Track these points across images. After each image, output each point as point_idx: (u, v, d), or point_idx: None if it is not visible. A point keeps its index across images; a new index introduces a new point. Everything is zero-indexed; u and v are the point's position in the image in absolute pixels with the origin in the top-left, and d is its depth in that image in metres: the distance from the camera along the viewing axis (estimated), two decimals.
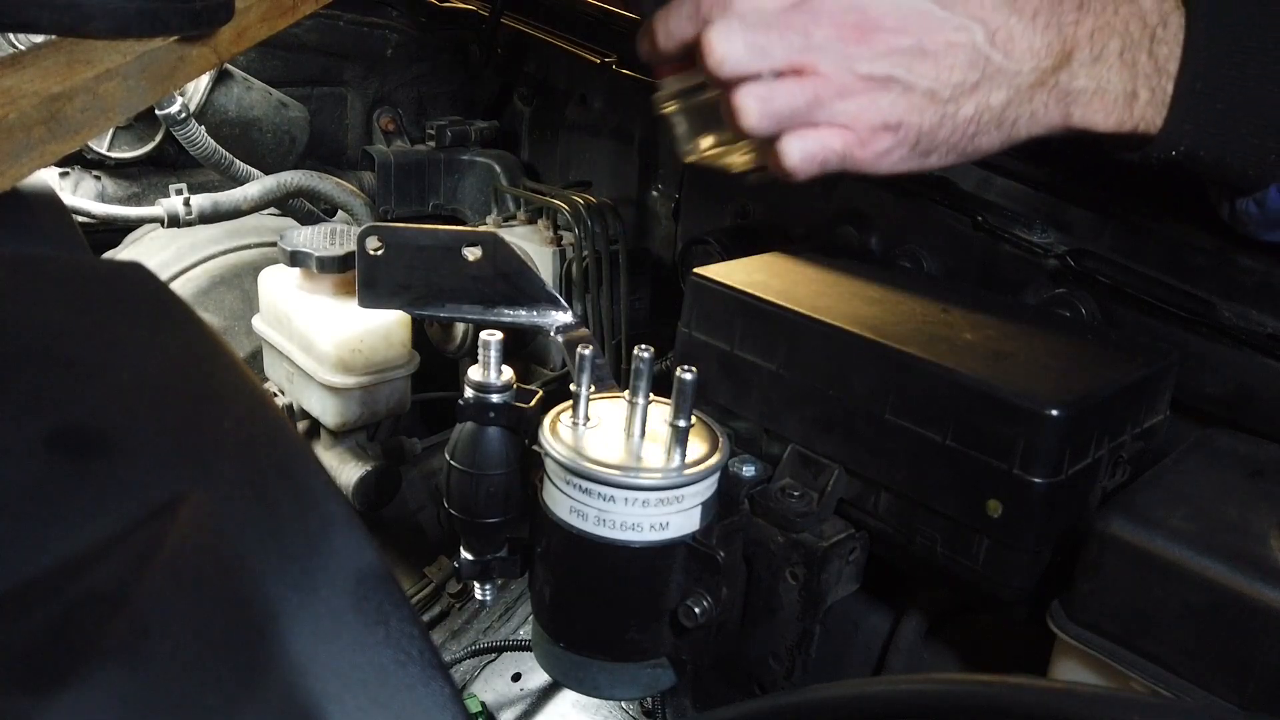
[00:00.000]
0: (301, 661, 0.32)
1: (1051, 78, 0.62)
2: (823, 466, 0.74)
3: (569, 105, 1.45)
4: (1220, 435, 0.70)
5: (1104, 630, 0.60)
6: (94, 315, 0.45)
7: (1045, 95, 0.63)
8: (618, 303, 1.29)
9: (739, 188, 1.12)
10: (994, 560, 0.66)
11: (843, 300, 0.77)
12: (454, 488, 0.75)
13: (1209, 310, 0.76)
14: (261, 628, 0.32)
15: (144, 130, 1.35)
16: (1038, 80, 0.62)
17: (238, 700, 0.30)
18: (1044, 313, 0.83)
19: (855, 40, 0.61)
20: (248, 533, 0.35)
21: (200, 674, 0.30)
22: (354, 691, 0.32)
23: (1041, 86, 0.62)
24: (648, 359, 0.69)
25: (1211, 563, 0.56)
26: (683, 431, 0.68)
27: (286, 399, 1.24)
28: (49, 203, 0.62)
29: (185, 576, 0.32)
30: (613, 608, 0.72)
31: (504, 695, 1.06)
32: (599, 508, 0.68)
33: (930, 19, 0.61)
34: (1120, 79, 0.62)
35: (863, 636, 0.84)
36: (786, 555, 0.72)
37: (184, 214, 1.27)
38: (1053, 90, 0.63)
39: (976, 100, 0.63)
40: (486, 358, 0.72)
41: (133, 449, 0.37)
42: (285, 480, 0.38)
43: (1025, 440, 0.63)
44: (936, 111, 0.63)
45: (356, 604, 0.34)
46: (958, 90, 0.62)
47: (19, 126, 0.54)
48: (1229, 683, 0.55)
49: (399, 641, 0.34)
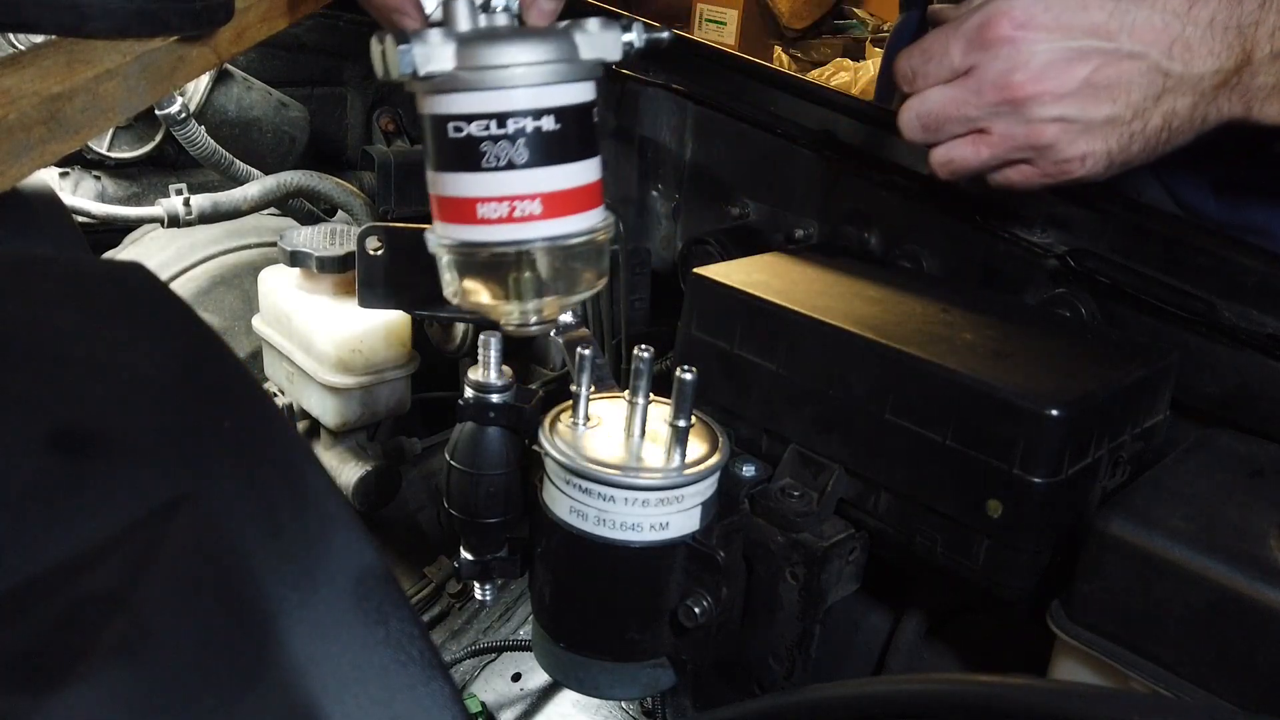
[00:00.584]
0: (301, 661, 0.32)
1: (1234, 77, 0.64)
2: (823, 466, 0.74)
3: None
4: (1220, 435, 0.70)
5: (1104, 630, 0.60)
6: (94, 315, 0.45)
7: (1229, 93, 0.65)
8: (618, 303, 1.29)
9: (739, 188, 1.13)
10: (994, 560, 0.66)
11: (843, 300, 0.77)
12: (454, 488, 0.75)
13: (1209, 310, 0.76)
14: (261, 627, 0.32)
15: (144, 130, 1.35)
16: (1221, 81, 0.65)
17: (238, 700, 0.30)
18: (1044, 313, 0.83)
19: (1021, 100, 0.66)
20: (248, 533, 0.35)
21: (200, 674, 0.30)
22: (354, 691, 0.32)
23: (1225, 87, 0.65)
24: (648, 359, 0.69)
25: (1211, 563, 0.56)
26: (683, 431, 0.68)
27: (286, 399, 1.24)
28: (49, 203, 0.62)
29: (185, 576, 0.32)
30: (613, 608, 0.72)
31: (504, 695, 1.06)
32: (599, 508, 0.68)
33: (1095, 56, 0.64)
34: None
35: (863, 636, 0.84)
36: (786, 555, 0.72)
37: (184, 214, 1.27)
38: (1235, 88, 0.65)
39: (1163, 110, 0.65)
40: (486, 358, 0.72)
41: (133, 449, 0.37)
42: (285, 480, 0.38)
43: (1025, 440, 0.63)
44: (1123, 133, 0.66)
45: (356, 604, 0.34)
46: (1140, 109, 0.65)
47: (19, 126, 0.54)
48: (1229, 683, 0.55)
49: (399, 641, 0.34)
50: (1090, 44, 0.64)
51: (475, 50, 0.69)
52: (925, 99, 0.71)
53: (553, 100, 0.70)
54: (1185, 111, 0.66)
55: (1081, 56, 0.65)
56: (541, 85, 0.70)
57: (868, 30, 4.84)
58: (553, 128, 0.70)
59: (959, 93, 0.68)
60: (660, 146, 1.26)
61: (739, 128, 1.10)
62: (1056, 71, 0.65)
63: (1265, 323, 0.74)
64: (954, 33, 0.68)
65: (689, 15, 4.88)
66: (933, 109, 0.70)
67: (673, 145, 1.23)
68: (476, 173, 0.71)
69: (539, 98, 0.70)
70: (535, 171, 0.71)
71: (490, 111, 0.70)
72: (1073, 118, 0.66)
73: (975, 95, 0.67)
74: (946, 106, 0.69)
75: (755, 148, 1.08)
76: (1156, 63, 0.64)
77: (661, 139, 1.26)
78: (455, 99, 0.71)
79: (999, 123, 0.68)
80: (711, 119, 1.15)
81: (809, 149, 1.02)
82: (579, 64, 0.71)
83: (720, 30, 4.81)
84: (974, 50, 0.67)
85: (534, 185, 0.71)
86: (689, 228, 1.23)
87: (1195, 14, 0.64)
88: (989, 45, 0.66)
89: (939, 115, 0.70)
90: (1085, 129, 0.66)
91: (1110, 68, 0.65)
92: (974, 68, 0.67)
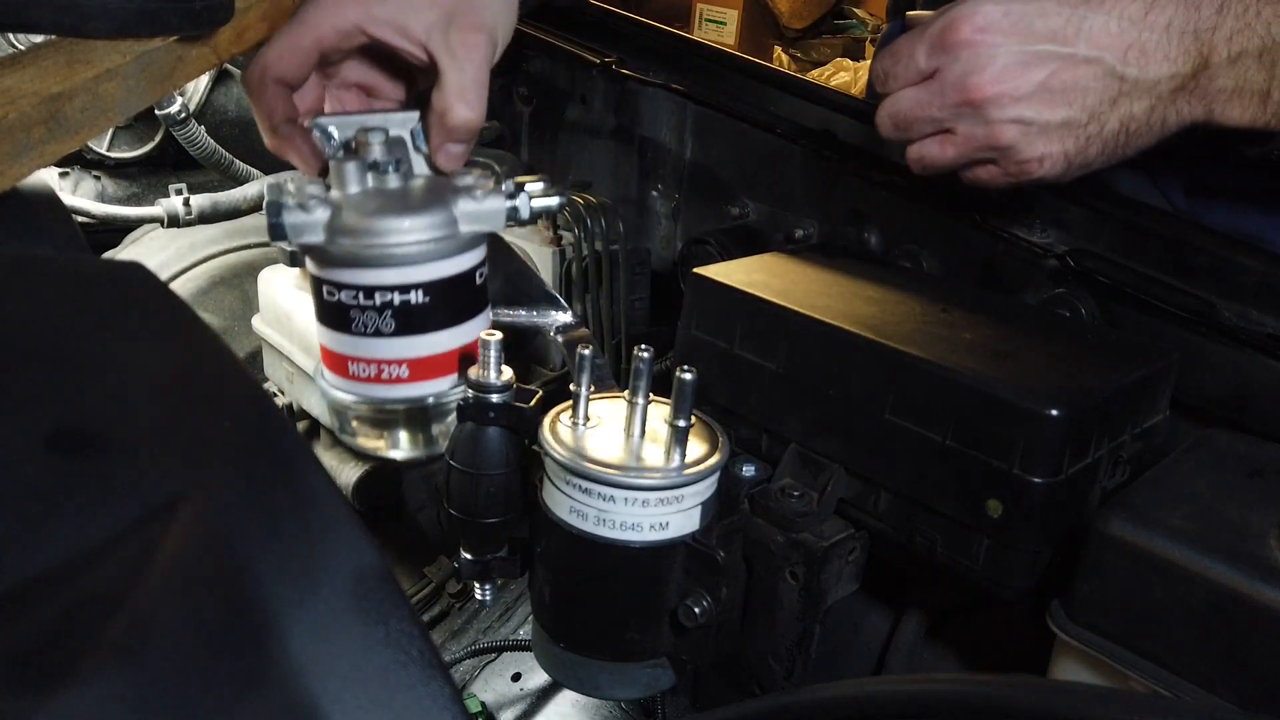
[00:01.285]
0: (301, 661, 0.32)
1: (1191, 81, 0.65)
2: (823, 466, 0.74)
3: (569, 105, 1.45)
4: (1220, 435, 0.70)
5: (1104, 630, 0.60)
6: (94, 315, 0.45)
7: (1187, 97, 0.66)
8: (617, 303, 1.29)
9: (739, 188, 1.13)
10: (994, 560, 0.66)
11: (843, 300, 0.77)
12: (454, 488, 0.75)
13: (1209, 310, 0.76)
14: (261, 627, 0.32)
15: (144, 130, 1.35)
16: (1178, 86, 0.65)
17: (238, 700, 0.30)
18: (1044, 313, 0.83)
19: (979, 102, 0.67)
20: (247, 532, 0.35)
21: (200, 674, 0.30)
22: (354, 691, 0.32)
23: (1182, 90, 0.66)
24: (648, 359, 0.69)
25: (1211, 563, 0.56)
26: (683, 431, 0.68)
27: (286, 399, 1.24)
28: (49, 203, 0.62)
29: (185, 576, 0.32)
30: (613, 607, 0.72)
31: (504, 695, 1.06)
32: (599, 508, 0.68)
33: (1051, 60, 0.66)
34: (1257, 78, 0.64)
35: (863, 636, 0.84)
36: (786, 555, 0.72)
37: (184, 214, 1.27)
38: (1194, 92, 0.66)
39: (1120, 114, 0.67)
40: (486, 358, 0.72)
41: (133, 449, 0.37)
42: (285, 480, 0.38)
43: (1025, 440, 0.63)
44: (1079, 135, 0.68)
45: (356, 604, 0.34)
46: (1096, 112, 0.67)
47: (19, 126, 0.54)
48: (1229, 683, 0.55)
49: (399, 641, 0.34)
50: (1047, 48, 0.66)
51: (349, 224, 0.70)
52: (897, 100, 0.73)
53: (423, 276, 0.72)
54: (1142, 115, 0.67)
55: (1039, 60, 0.66)
56: (412, 264, 0.71)
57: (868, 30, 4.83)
58: (421, 300, 0.72)
59: (925, 94, 0.71)
60: (660, 146, 1.26)
61: (739, 128, 1.10)
62: (1013, 74, 0.66)
63: (1265, 323, 0.74)
64: (921, 37, 0.70)
65: (689, 15, 4.88)
66: (902, 109, 0.72)
67: (673, 145, 1.23)
68: (347, 334, 0.74)
69: (408, 275, 0.72)
70: (402, 340, 0.74)
71: (358, 284, 0.72)
72: (1030, 119, 0.67)
73: (939, 97, 0.70)
74: (914, 107, 0.71)
75: (755, 148, 1.09)
76: (1112, 67, 0.65)
77: (661, 139, 1.26)
78: (327, 267, 0.72)
79: (962, 123, 0.70)
80: (711, 119, 1.15)
81: (809, 149, 1.02)
82: (454, 240, 0.73)
83: (720, 30, 4.81)
84: (937, 53, 0.69)
85: (400, 352, 0.74)
86: (689, 228, 1.23)
87: (1151, 20, 0.65)
88: (951, 49, 0.68)
89: (908, 115, 0.72)
90: (1042, 131, 0.68)
91: (1066, 72, 0.66)
92: (938, 70, 0.70)
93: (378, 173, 0.73)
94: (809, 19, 4.90)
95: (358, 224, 0.69)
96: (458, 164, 0.77)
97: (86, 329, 0.43)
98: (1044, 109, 0.67)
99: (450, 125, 0.74)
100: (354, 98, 0.82)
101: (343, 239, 0.69)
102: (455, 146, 0.76)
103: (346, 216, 0.69)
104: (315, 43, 0.73)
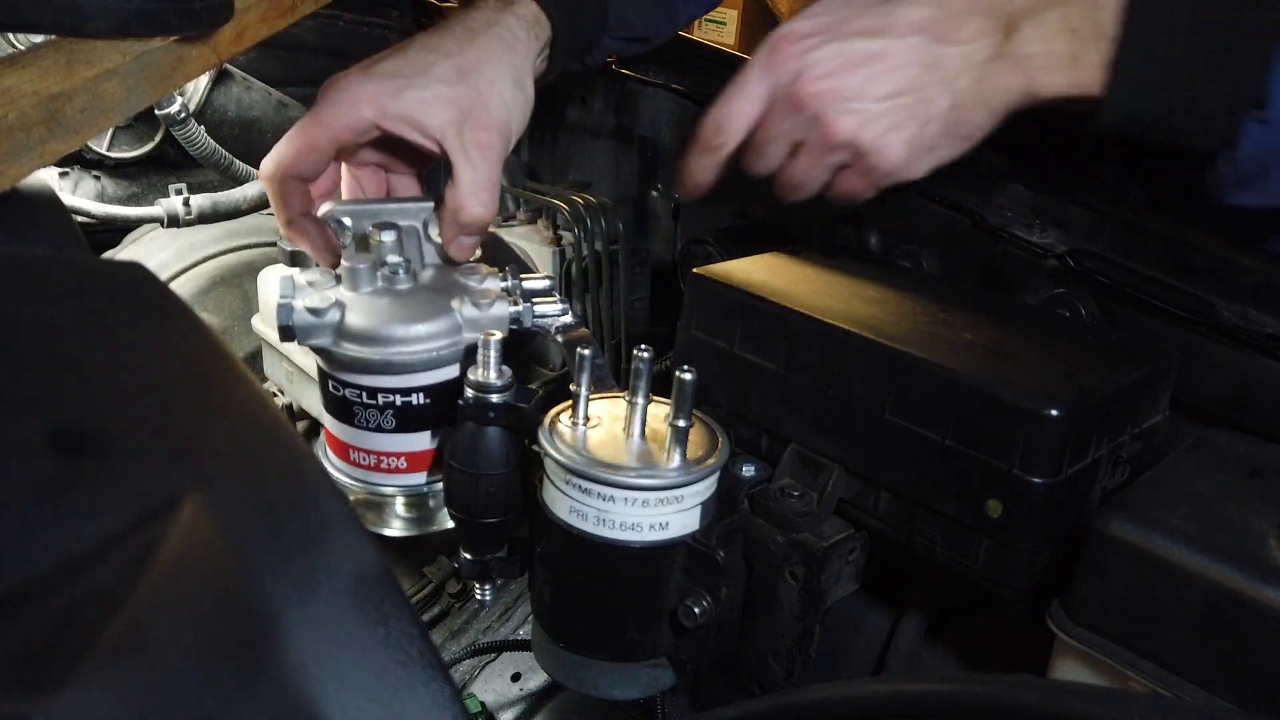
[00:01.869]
0: (301, 661, 0.32)
1: (1005, 48, 0.67)
2: (822, 466, 0.74)
3: (569, 105, 1.46)
4: (1220, 435, 0.70)
5: (1104, 630, 0.60)
6: (94, 315, 0.45)
7: (1004, 65, 0.68)
8: (617, 303, 1.29)
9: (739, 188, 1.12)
10: (994, 560, 0.66)
11: (843, 300, 0.77)
12: (454, 488, 0.75)
13: (1209, 310, 0.76)
14: (261, 628, 0.32)
15: (144, 130, 1.35)
16: (992, 54, 0.68)
17: (238, 700, 0.30)
18: (1044, 313, 0.83)
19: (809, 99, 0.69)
20: (247, 532, 0.35)
21: (200, 674, 0.30)
22: (354, 691, 0.32)
23: (998, 58, 0.68)
24: (648, 359, 0.69)
25: (1211, 563, 0.56)
26: (682, 431, 0.68)
27: (286, 399, 1.24)
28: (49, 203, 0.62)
29: (185, 576, 0.32)
30: (612, 607, 0.72)
31: (504, 695, 1.06)
32: (599, 508, 0.68)
33: (867, 51, 0.69)
34: (1065, 44, 0.66)
35: (863, 636, 0.84)
36: (786, 555, 0.72)
37: (183, 214, 1.27)
38: (1008, 59, 0.67)
39: (946, 89, 0.68)
40: (486, 358, 0.72)
41: (132, 449, 0.37)
42: (285, 480, 0.38)
43: (1025, 440, 0.63)
44: (913, 114, 0.69)
45: (356, 604, 0.34)
46: (921, 87, 0.68)
47: (19, 126, 0.54)
48: (1229, 683, 0.55)
49: (399, 641, 0.34)
50: (862, 43, 0.69)
51: (356, 330, 0.73)
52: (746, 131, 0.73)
53: (424, 381, 0.76)
54: (968, 87, 0.68)
55: (857, 54, 0.68)
56: (414, 371, 0.75)
57: None
58: (422, 402, 0.76)
59: (767, 116, 0.72)
60: (660, 146, 1.27)
61: None
62: (836, 70, 0.68)
63: (1265, 323, 0.74)
64: (750, 65, 0.72)
65: None
66: (755, 138, 0.73)
67: (673, 145, 1.23)
68: (350, 426, 0.78)
69: (410, 380, 0.75)
70: (402, 436, 0.78)
71: (362, 385, 0.76)
72: (861, 107, 0.68)
73: (780, 111, 0.71)
74: (762, 132, 0.72)
75: None
76: (926, 45, 0.68)
77: (661, 139, 1.26)
78: (333, 366, 0.76)
79: (806, 131, 0.70)
80: None
81: None
82: (457, 348, 0.76)
83: (720, 30, 4.81)
84: (767, 73, 0.71)
85: (399, 446, 0.78)
86: (689, 228, 1.23)
87: (951, 2, 0.68)
88: (776, 65, 0.70)
89: (759, 141, 0.73)
90: (875, 117, 0.69)
91: (886, 58, 0.68)
92: (771, 87, 0.71)
93: (387, 274, 0.76)
94: None
95: (365, 331, 0.72)
96: (468, 254, 0.80)
97: (86, 329, 0.43)
98: (871, 91, 0.68)
99: (463, 222, 0.77)
100: (370, 174, 0.85)
101: (350, 345, 0.73)
102: (466, 239, 0.79)
103: (354, 321, 0.73)
104: (332, 141, 0.76)
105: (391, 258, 0.77)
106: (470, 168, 0.77)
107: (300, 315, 0.72)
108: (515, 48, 0.81)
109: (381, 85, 0.75)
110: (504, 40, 0.80)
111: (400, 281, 0.77)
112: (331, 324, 0.73)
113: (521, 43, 0.82)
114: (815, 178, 0.73)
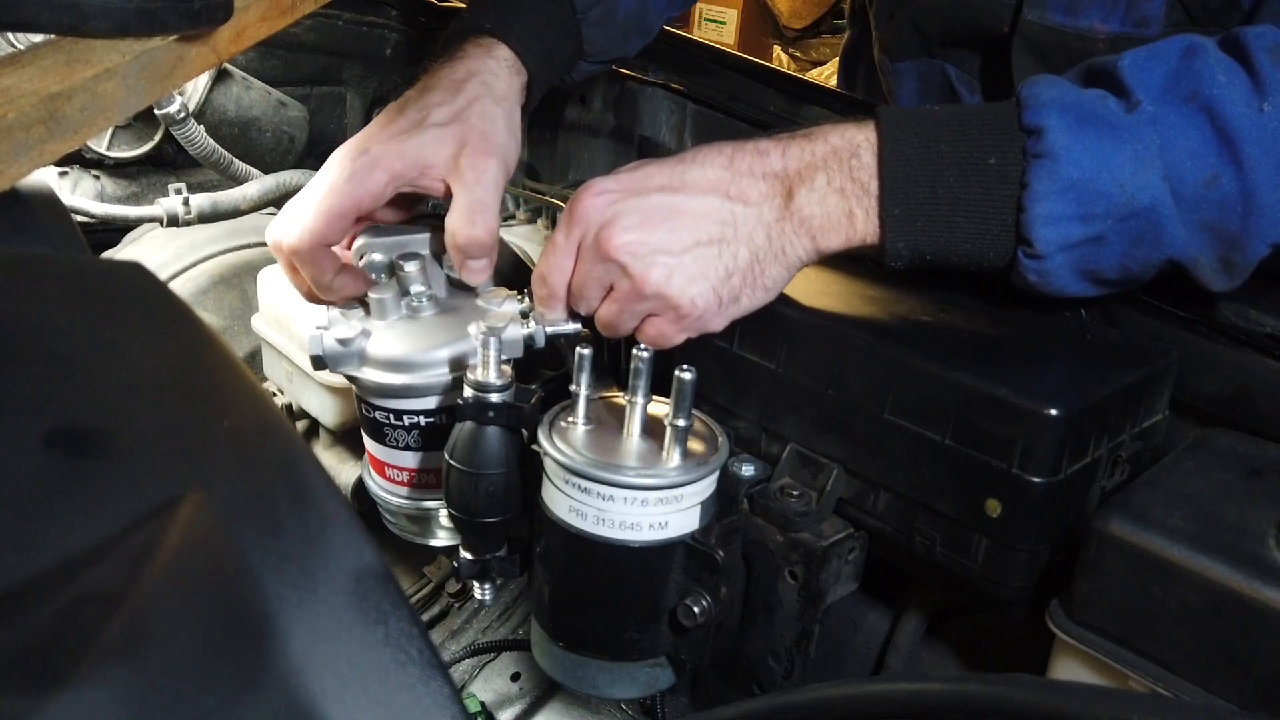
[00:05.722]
0: (301, 661, 0.32)
1: (787, 210, 0.71)
2: (822, 466, 0.74)
3: (568, 105, 1.45)
4: (1220, 435, 0.70)
5: (1103, 630, 0.60)
6: (94, 315, 0.45)
7: (791, 225, 0.72)
8: None
9: None
10: (993, 560, 0.66)
11: (842, 300, 0.77)
12: (453, 487, 0.75)
13: (1209, 310, 0.76)
14: (261, 627, 0.32)
15: (143, 130, 1.35)
16: (779, 215, 0.72)
17: (237, 700, 0.30)
18: (1043, 313, 0.83)
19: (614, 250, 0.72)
20: (247, 532, 0.35)
21: (200, 674, 0.30)
22: (354, 691, 0.32)
23: (784, 219, 0.72)
24: (648, 359, 0.69)
25: (1211, 563, 0.56)
26: (682, 431, 0.68)
27: (286, 399, 1.24)
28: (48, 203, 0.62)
29: (185, 576, 0.32)
30: (612, 607, 0.72)
31: (503, 695, 1.05)
32: (598, 507, 0.68)
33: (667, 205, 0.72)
34: (837, 204, 0.71)
35: (862, 636, 0.84)
36: (785, 554, 0.72)
37: (183, 214, 1.26)
38: (792, 219, 0.71)
39: (745, 244, 0.72)
40: (486, 357, 0.72)
41: (132, 449, 0.37)
42: (285, 480, 0.38)
43: (1024, 440, 0.63)
44: (716, 266, 0.72)
45: (356, 603, 0.34)
46: (722, 240, 0.71)
47: (18, 126, 0.54)
48: (1229, 683, 0.55)
49: (398, 641, 0.34)
50: (661, 198, 0.72)
51: (381, 359, 0.78)
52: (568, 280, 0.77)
53: (446, 403, 0.80)
54: (763, 243, 0.72)
55: (657, 208, 0.72)
56: (436, 395, 0.80)
57: None
58: (446, 422, 0.80)
59: (580, 264, 0.75)
60: (660, 146, 1.26)
61: (738, 127, 1.10)
62: (638, 223, 0.71)
63: (1265, 323, 0.74)
64: (560, 222, 0.75)
65: (688, 14, 4.88)
66: (574, 284, 0.76)
67: (672, 145, 1.23)
68: (383, 445, 0.84)
69: (433, 402, 0.80)
70: (429, 453, 0.82)
71: (390, 408, 0.81)
72: (665, 261, 0.71)
73: (589, 260, 0.74)
74: (578, 277, 0.76)
75: None
76: (721, 203, 0.72)
77: (661, 139, 1.26)
78: (365, 389, 0.81)
79: (618, 279, 0.73)
80: (711, 119, 1.15)
81: None
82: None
83: (720, 30, 4.81)
84: (575, 226, 0.74)
85: (428, 463, 0.83)
86: None
87: (736, 165, 0.72)
88: (580, 218, 0.74)
89: (576, 286, 0.76)
90: (680, 267, 0.71)
91: (684, 214, 0.72)
92: (580, 239, 0.74)
93: (411, 303, 0.82)
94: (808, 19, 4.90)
95: (388, 359, 0.78)
96: (480, 278, 0.84)
97: (86, 329, 0.43)
98: (675, 244, 0.71)
99: (459, 244, 0.81)
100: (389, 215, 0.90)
101: (373, 372, 0.78)
102: (474, 263, 0.83)
103: (380, 351, 0.78)
104: (354, 208, 0.81)
105: (415, 287, 0.82)
106: (465, 190, 0.80)
107: (330, 345, 0.77)
108: (499, 90, 0.87)
109: (388, 148, 0.81)
110: (488, 85, 0.87)
111: (424, 309, 0.81)
112: (358, 352, 0.78)
113: (504, 84, 0.88)
114: (626, 322, 0.75)
